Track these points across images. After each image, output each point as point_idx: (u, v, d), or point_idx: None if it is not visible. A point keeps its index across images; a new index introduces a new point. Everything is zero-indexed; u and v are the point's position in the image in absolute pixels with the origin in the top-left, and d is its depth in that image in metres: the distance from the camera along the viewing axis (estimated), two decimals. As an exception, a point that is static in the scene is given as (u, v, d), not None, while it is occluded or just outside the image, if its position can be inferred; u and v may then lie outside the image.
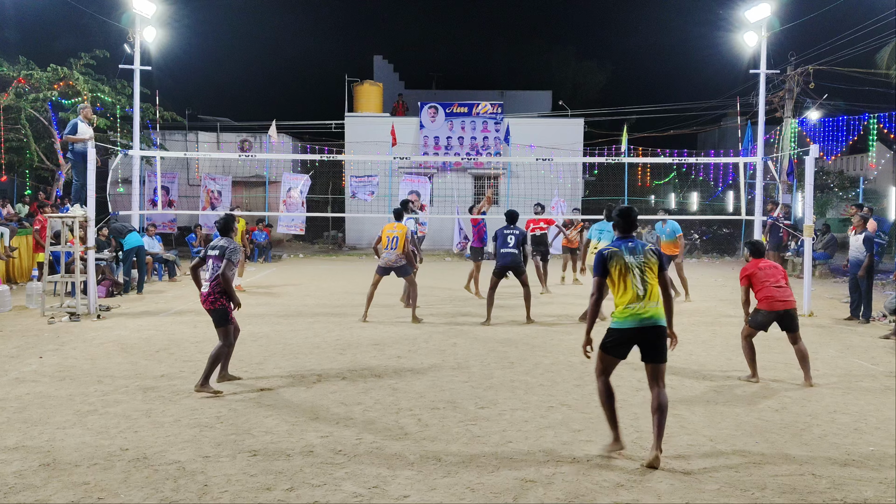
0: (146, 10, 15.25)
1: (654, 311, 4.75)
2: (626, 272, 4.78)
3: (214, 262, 6.57)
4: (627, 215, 5.01)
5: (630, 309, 4.75)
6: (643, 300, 4.73)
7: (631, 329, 4.76)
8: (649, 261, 4.82)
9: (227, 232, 6.83)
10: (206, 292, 6.53)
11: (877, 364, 7.81)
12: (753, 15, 16.02)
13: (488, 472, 4.55)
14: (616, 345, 4.86)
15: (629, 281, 4.76)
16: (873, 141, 18.83)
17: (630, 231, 5.02)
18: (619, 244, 4.90)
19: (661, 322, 4.77)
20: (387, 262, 10.30)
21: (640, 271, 4.78)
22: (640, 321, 4.73)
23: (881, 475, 4.55)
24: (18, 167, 19.97)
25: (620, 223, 5.03)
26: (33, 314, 10.77)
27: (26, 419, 5.54)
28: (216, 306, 6.53)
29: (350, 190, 24.23)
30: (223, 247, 6.59)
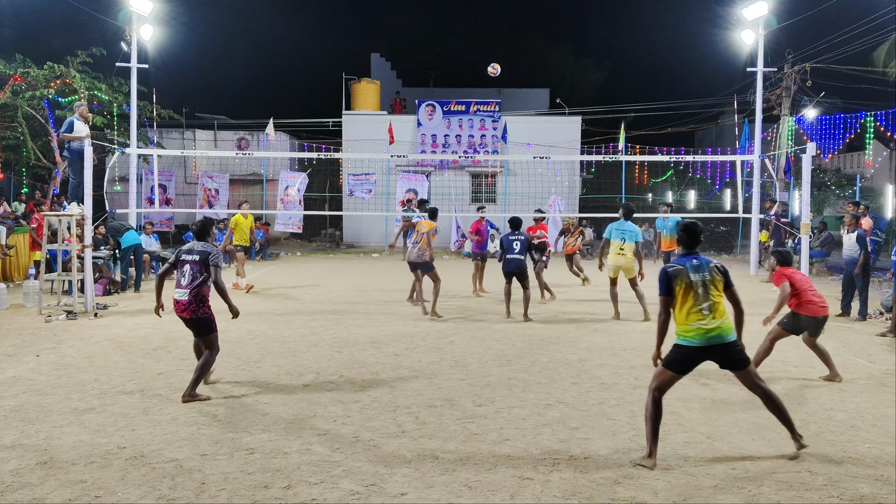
0: (143, 7, 15.24)
1: (720, 328, 4.66)
2: (690, 289, 4.71)
3: (192, 268, 6.13)
4: (693, 231, 4.91)
5: (695, 327, 4.66)
6: (708, 317, 4.65)
7: (697, 347, 4.67)
8: (714, 277, 4.76)
9: (204, 236, 6.44)
10: (186, 300, 6.08)
11: (873, 361, 7.83)
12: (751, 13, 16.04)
13: (485, 469, 4.56)
14: (679, 361, 4.76)
15: (693, 299, 4.69)
16: (870, 139, 18.84)
17: (694, 246, 4.91)
18: (684, 261, 4.82)
19: (728, 338, 4.69)
20: (411, 258, 10.80)
21: (705, 289, 4.71)
22: (706, 339, 4.64)
23: (877, 472, 4.57)
24: (15, 165, 19.92)
25: (685, 239, 4.94)
26: (30, 312, 10.76)
27: (23, 417, 5.53)
28: (199, 315, 6.13)
29: (347, 188, 24.22)
30: (204, 252, 6.19)
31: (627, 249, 10.34)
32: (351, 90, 27.79)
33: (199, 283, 6.11)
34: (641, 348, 8.40)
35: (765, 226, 18.61)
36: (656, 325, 4.87)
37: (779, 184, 20.68)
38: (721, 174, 24.92)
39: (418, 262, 10.69)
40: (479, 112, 26.22)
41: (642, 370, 7.29)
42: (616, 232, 10.46)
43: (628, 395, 6.32)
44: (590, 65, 45.88)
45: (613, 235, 10.48)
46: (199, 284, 6.10)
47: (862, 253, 10.34)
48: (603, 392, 6.43)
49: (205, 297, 6.16)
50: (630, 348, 8.41)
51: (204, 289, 6.14)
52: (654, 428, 4.71)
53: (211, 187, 24.16)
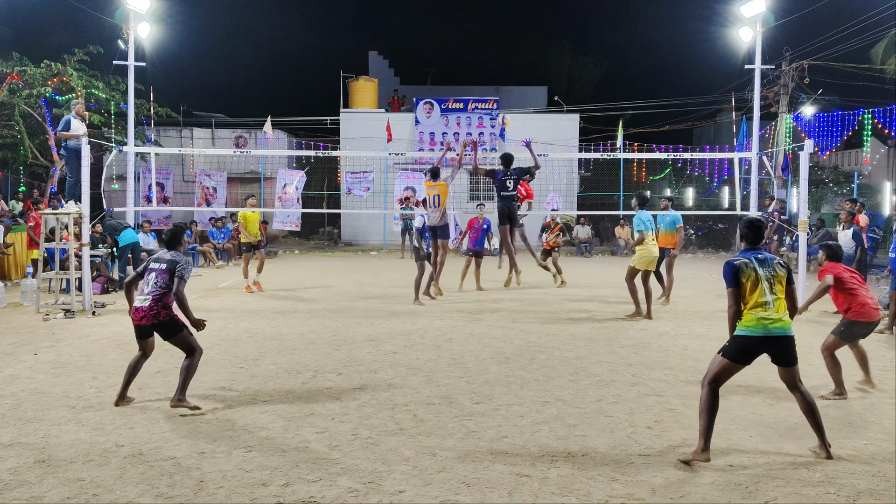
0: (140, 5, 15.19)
1: (782, 322, 4.74)
2: (756, 283, 4.77)
3: (158, 276, 5.78)
4: (758, 228, 5.00)
5: (758, 318, 4.72)
6: (771, 310, 4.72)
7: (758, 337, 4.71)
8: (778, 274, 4.83)
9: (175, 245, 6.10)
10: (147, 306, 5.71)
11: (870, 359, 7.81)
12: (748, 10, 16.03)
13: (483, 466, 4.56)
14: (741, 352, 4.77)
15: (758, 292, 4.75)
16: (868, 136, 18.87)
17: (758, 242, 5.00)
18: (749, 255, 4.88)
19: (789, 332, 4.77)
20: (432, 222, 10.81)
21: (770, 283, 4.78)
22: (768, 330, 4.70)
23: (874, 468, 4.58)
24: (12, 164, 19.90)
25: (749, 235, 5.01)
26: (28, 311, 10.75)
27: (21, 416, 5.53)
28: (161, 319, 5.74)
29: (346, 186, 24.21)
30: (172, 261, 5.85)
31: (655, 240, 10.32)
32: (349, 88, 27.79)
33: (161, 293, 5.75)
34: (639, 345, 8.41)
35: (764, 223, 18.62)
36: (728, 316, 4.85)
37: (777, 181, 20.70)
38: (719, 171, 24.95)
39: (439, 226, 10.74)
40: (477, 110, 26.22)
41: (640, 367, 7.30)
42: (644, 223, 10.19)
43: (626, 393, 6.33)
44: (587, 62, 45.89)
45: (646, 227, 10.19)
46: (161, 294, 5.75)
47: (858, 249, 10.36)
48: (601, 389, 6.44)
49: (167, 305, 5.80)
50: (628, 345, 8.42)
51: (167, 298, 5.79)
52: (709, 420, 4.67)
53: (209, 185, 24.14)
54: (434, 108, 26.29)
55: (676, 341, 8.72)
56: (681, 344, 8.56)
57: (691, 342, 8.67)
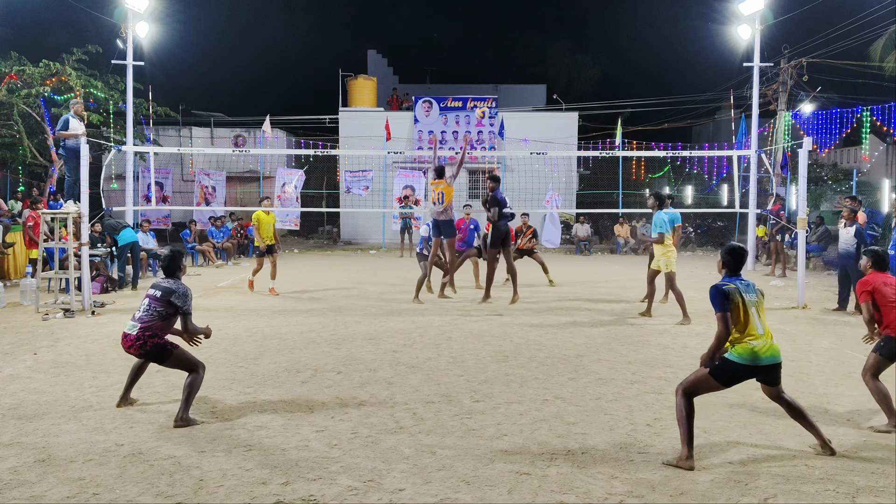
0: (138, 4, 15.20)
1: (773, 350, 4.72)
2: (745, 310, 4.71)
3: (151, 303, 5.51)
4: (740, 256, 4.95)
5: (751, 346, 4.66)
6: (762, 338, 4.69)
7: (749, 366, 4.67)
8: (760, 300, 4.82)
9: (173, 272, 5.73)
10: (134, 335, 5.42)
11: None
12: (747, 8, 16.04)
13: (483, 464, 4.57)
14: (731, 377, 4.73)
15: (749, 318, 4.69)
16: (866, 133, 18.89)
17: (739, 270, 4.94)
18: (734, 281, 4.83)
19: (779, 359, 4.76)
20: (436, 215, 10.73)
21: (756, 309, 4.74)
22: (760, 359, 4.66)
23: (873, 465, 4.58)
24: (11, 163, 19.89)
25: (731, 262, 4.93)
26: (27, 311, 10.75)
27: (21, 415, 5.53)
28: (147, 349, 5.46)
29: (345, 185, 24.21)
30: (168, 290, 5.53)
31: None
32: (347, 87, 27.77)
33: (152, 320, 5.47)
34: (639, 343, 8.42)
35: (762, 221, 18.64)
36: (715, 341, 4.71)
37: (776, 179, 20.70)
38: (718, 169, 24.96)
39: (443, 221, 10.71)
40: (476, 108, 26.20)
41: (639, 365, 7.31)
42: (666, 224, 10.04)
43: (626, 391, 6.34)
44: (586, 61, 45.88)
45: (665, 228, 10.02)
46: (150, 322, 5.46)
47: (861, 247, 10.35)
48: (600, 387, 6.45)
49: (155, 334, 5.47)
50: (627, 343, 8.43)
51: (155, 327, 5.47)
52: (689, 428, 4.63)
53: (208, 185, 24.13)
54: (433, 106, 26.28)
55: (676, 339, 8.73)
56: (680, 342, 8.57)
57: (690, 340, 8.68)
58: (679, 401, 4.73)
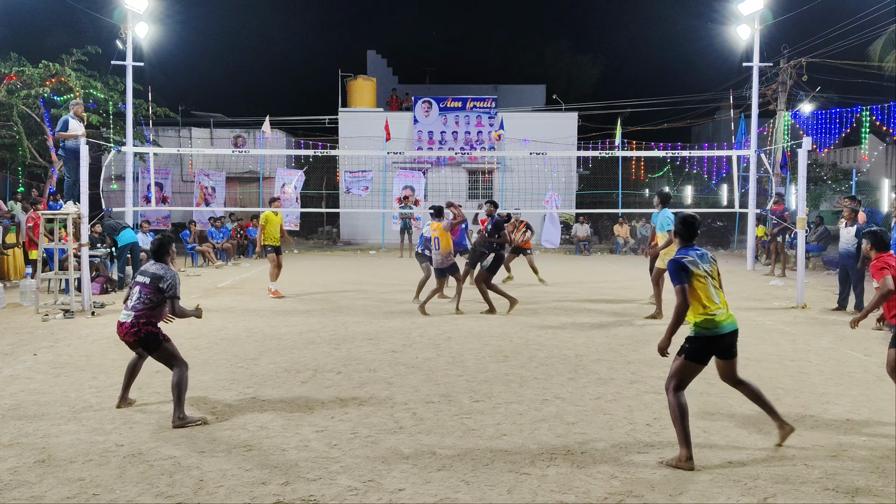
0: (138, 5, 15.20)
1: (731, 317, 4.78)
2: (702, 280, 4.72)
3: (142, 291, 5.57)
4: (692, 225, 4.95)
5: (713, 316, 4.70)
6: (720, 307, 4.73)
7: (713, 336, 4.71)
8: (714, 269, 4.86)
9: (162, 256, 5.83)
10: (129, 323, 5.50)
11: (869, 355, 7.86)
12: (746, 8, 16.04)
13: (483, 464, 4.57)
14: (702, 353, 4.75)
15: (707, 289, 4.72)
16: (866, 133, 18.89)
17: (692, 239, 4.94)
18: (690, 252, 4.84)
19: (736, 326, 4.81)
20: (437, 264, 10.63)
21: (713, 278, 4.79)
22: (720, 327, 4.70)
23: (873, 465, 4.59)
24: (11, 164, 19.90)
25: (684, 232, 4.95)
26: (27, 311, 10.75)
27: (21, 416, 5.53)
28: (141, 336, 5.53)
29: (344, 185, 24.22)
30: (155, 275, 5.62)
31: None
32: (347, 87, 27.78)
33: (145, 308, 5.53)
34: (638, 343, 8.42)
35: (762, 221, 18.64)
36: (675, 314, 4.75)
37: (775, 179, 20.71)
38: (717, 169, 24.96)
39: (443, 268, 10.61)
40: (475, 108, 26.22)
41: (639, 365, 7.31)
42: (668, 222, 10.02)
43: (625, 391, 6.34)
44: (586, 61, 45.91)
45: (665, 226, 10.05)
46: (144, 309, 5.53)
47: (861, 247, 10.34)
48: (600, 387, 6.45)
49: (150, 321, 5.56)
50: (627, 343, 8.43)
51: (148, 314, 5.54)
52: (684, 427, 4.59)
53: (207, 185, 24.13)
54: (432, 106, 26.29)
55: (675, 339, 8.71)
56: (680, 342, 8.54)
57: (690, 340, 8.67)
58: (670, 399, 4.71)
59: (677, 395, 4.70)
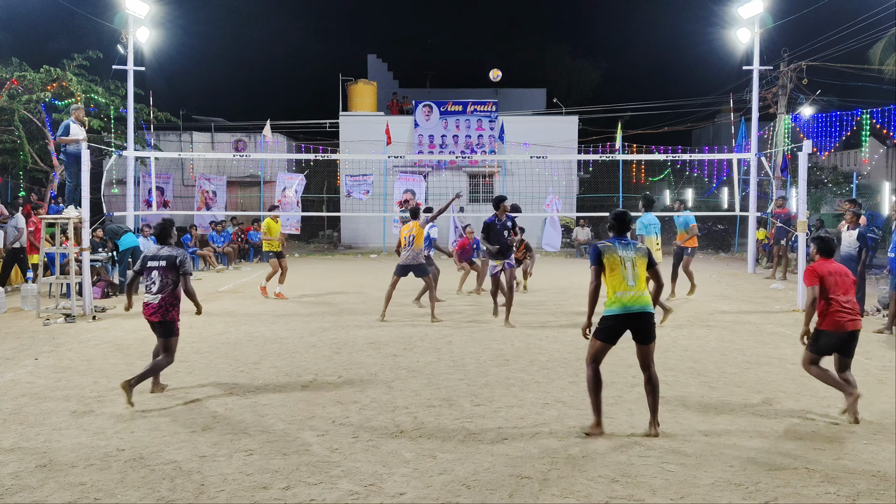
0: (139, 10, 15.24)
1: (642, 300, 5.17)
2: (618, 264, 5.19)
3: (161, 274, 6.14)
4: (622, 219, 5.50)
5: (620, 297, 5.16)
6: (633, 289, 5.15)
7: (620, 315, 5.14)
8: (638, 256, 5.27)
9: (166, 238, 6.36)
10: (157, 303, 6.12)
11: (870, 358, 7.85)
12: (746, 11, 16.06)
13: (484, 468, 4.57)
14: (609, 332, 5.20)
15: (620, 272, 5.17)
16: (866, 136, 18.87)
17: (624, 232, 5.47)
18: (613, 241, 5.36)
19: (648, 309, 5.21)
20: (405, 260, 10.36)
21: (632, 264, 5.21)
22: (627, 308, 5.13)
23: (875, 468, 4.58)
24: (12, 169, 19.91)
25: (616, 225, 5.49)
26: (28, 316, 10.76)
27: (22, 420, 5.54)
28: (168, 318, 6.17)
29: (345, 189, 24.24)
30: (170, 256, 6.18)
31: (658, 243, 10.31)
32: (348, 91, 27.80)
33: (170, 289, 6.16)
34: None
35: (762, 224, 18.64)
36: (588, 292, 5.30)
37: (776, 182, 20.71)
38: (718, 172, 24.96)
39: (412, 266, 10.33)
40: (476, 112, 26.24)
41: (640, 369, 7.29)
42: (651, 227, 10.26)
43: (626, 394, 6.34)
44: (586, 64, 45.92)
45: (649, 231, 10.22)
46: (170, 289, 6.16)
47: (864, 250, 10.36)
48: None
49: (175, 301, 6.22)
50: (627, 347, 8.38)
51: (175, 292, 6.21)
52: (596, 398, 5.24)
53: (208, 189, 24.16)
54: (433, 110, 26.31)
55: (676, 342, 8.73)
56: (680, 345, 8.57)
57: (691, 343, 8.68)
58: (587, 371, 5.31)
59: (592, 368, 5.27)
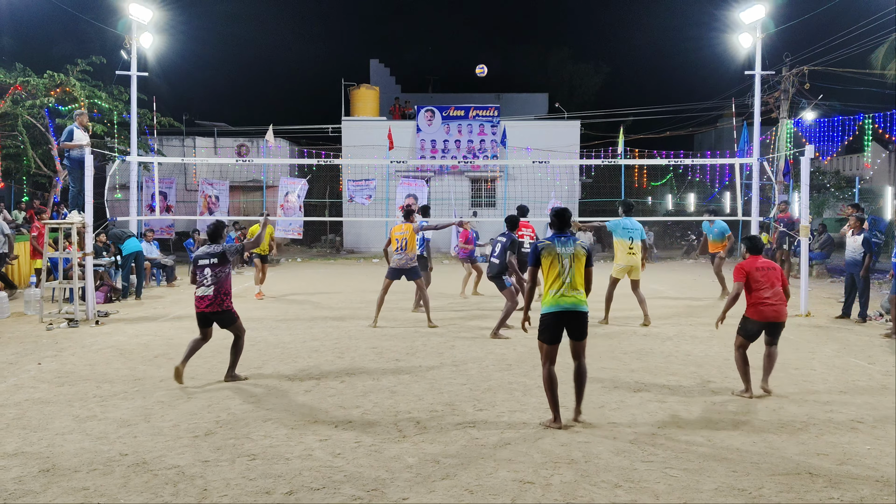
0: (142, 16, 15.29)
1: (574, 298, 5.35)
2: (555, 263, 5.36)
3: (213, 270, 6.76)
4: (561, 215, 5.63)
5: (554, 296, 5.34)
6: (566, 287, 5.33)
7: (556, 313, 5.35)
8: (578, 254, 5.43)
9: (217, 238, 7.01)
10: (211, 295, 6.74)
11: (873, 363, 7.84)
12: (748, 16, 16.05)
13: (486, 473, 4.57)
14: (546, 329, 5.41)
15: (557, 270, 5.34)
16: (868, 141, 18.86)
17: (564, 228, 5.59)
18: (553, 239, 5.50)
19: (580, 308, 5.38)
20: (398, 264, 10.24)
21: (570, 262, 5.38)
22: (561, 306, 5.32)
23: (878, 473, 4.58)
24: (16, 174, 19.96)
25: (556, 222, 5.61)
26: (32, 320, 10.77)
27: (25, 425, 5.55)
28: (223, 308, 6.82)
29: (347, 194, 24.25)
30: (219, 252, 6.82)
31: (636, 248, 10.18)
32: (350, 96, 27.86)
33: (220, 282, 6.76)
34: (642, 352, 8.41)
35: (765, 228, 18.62)
36: (524, 290, 5.42)
37: (778, 186, 20.70)
38: (720, 177, 24.94)
39: (405, 269, 10.19)
40: (478, 117, 26.28)
41: (643, 374, 7.30)
42: (623, 231, 10.20)
43: (629, 399, 6.33)
44: (588, 69, 45.98)
45: (620, 234, 10.21)
46: (220, 283, 6.76)
47: (867, 255, 10.34)
48: (603, 396, 6.44)
49: (228, 292, 6.84)
50: (630, 352, 8.42)
51: (226, 284, 6.81)
52: (552, 395, 5.43)
53: (211, 194, 24.17)
54: (435, 115, 26.35)
55: (679, 347, 8.72)
56: (683, 350, 8.56)
57: (694, 348, 8.67)
58: (542, 371, 5.51)
59: (545, 367, 5.46)
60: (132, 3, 14.46)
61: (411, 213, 10.61)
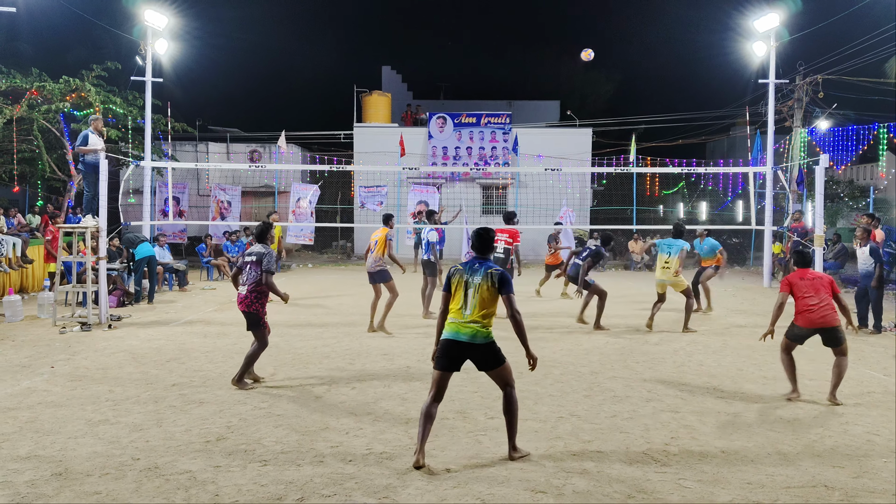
0: (158, 22, 15.43)
1: (470, 328, 4.92)
2: (460, 289, 4.99)
3: (251, 268, 6.97)
4: (482, 237, 5.17)
5: (453, 323, 4.96)
6: (465, 315, 4.93)
7: (449, 341, 4.95)
8: (487, 283, 4.93)
9: (263, 238, 7.23)
10: (244, 294, 6.94)
11: (889, 375, 7.76)
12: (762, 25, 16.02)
13: (498, 482, 4.54)
14: (442, 357, 4.98)
15: (459, 297, 4.98)
16: (883, 150, 18.75)
17: (485, 252, 5.15)
18: (466, 264, 5.11)
19: (476, 340, 4.92)
20: (366, 267, 10.31)
21: (475, 290, 4.94)
22: (457, 334, 4.92)
23: (894, 487, 4.52)
24: (30, 178, 20.13)
25: (476, 244, 5.17)
26: (45, 324, 10.84)
27: (38, 429, 5.57)
28: (251, 310, 6.93)
29: (359, 200, 24.31)
30: (260, 254, 7.00)
31: (672, 263, 10.49)
32: (362, 103, 27.96)
33: (254, 282, 6.92)
34: (654, 361, 8.37)
35: (778, 238, 18.51)
36: (437, 319, 5.12)
37: (792, 195, 20.58)
38: (733, 186, 24.84)
39: (372, 272, 10.19)
40: (489, 124, 26.30)
41: (655, 384, 7.26)
42: (664, 246, 10.67)
43: (641, 409, 6.29)
44: (600, 77, 45.91)
45: (661, 249, 10.69)
46: (254, 283, 6.92)
47: (878, 266, 10.26)
48: (616, 405, 6.40)
49: (261, 294, 6.97)
50: (642, 361, 8.37)
51: (260, 287, 6.94)
52: (423, 430, 4.88)
53: (223, 199, 24.31)
54: (447, 122, 26.39)
55: (691, 357, 8.67)
56: (696, 359, 8.50)
57: (707, 358, 8.61)
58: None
59: (429, 395, 4.97)
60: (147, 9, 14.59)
61: (389, 218, 10.58)
